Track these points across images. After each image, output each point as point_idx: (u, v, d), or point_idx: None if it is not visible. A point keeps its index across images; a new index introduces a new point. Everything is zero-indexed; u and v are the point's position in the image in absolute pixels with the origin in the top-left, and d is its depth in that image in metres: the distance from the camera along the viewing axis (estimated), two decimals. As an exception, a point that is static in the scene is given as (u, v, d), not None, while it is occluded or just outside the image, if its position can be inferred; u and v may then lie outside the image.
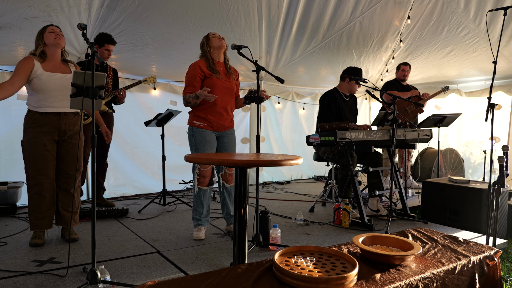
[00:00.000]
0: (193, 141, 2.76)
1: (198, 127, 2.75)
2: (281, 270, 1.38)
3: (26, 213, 3.37)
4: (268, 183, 5.59)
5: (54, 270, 2.11)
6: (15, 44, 3.43)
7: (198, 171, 2.73)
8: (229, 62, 2.89)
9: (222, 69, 2.80)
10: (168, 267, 2.21)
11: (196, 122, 2.76)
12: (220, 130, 2.83)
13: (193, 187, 2.80)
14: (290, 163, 1.71)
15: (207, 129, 2.76)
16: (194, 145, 2.76)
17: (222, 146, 2.87)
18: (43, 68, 2.47)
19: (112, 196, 4.25)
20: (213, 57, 2.78)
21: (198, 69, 2.71)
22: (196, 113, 2.77)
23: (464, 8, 4.06)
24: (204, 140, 2.73)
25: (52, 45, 2.50)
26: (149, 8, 3.47)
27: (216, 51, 2.78)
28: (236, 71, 2.97)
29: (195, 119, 2.77)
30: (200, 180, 2.74)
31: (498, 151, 4.39)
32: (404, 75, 4.64)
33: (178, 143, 4.93)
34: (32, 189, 2.50)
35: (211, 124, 2.76)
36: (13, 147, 3.75)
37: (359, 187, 3.27)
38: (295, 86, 5.97)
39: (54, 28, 2.51)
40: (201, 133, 2.74)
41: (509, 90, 4.85)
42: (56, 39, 2.48)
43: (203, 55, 2.80)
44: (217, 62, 2.80)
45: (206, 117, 2.74)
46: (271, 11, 4.03)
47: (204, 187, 2.76)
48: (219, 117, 2.77)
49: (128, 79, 4.43)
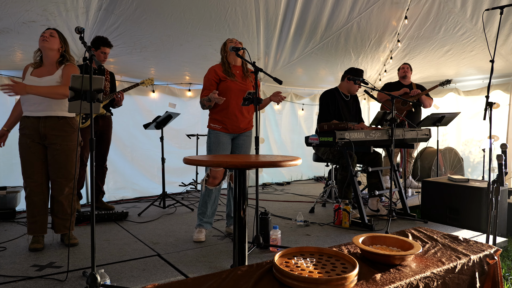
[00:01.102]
0: (208, 142, 2.85)
1: (213, 129, 2.84)
2: (281, 272, 1.37)
3: (25, 217, 3.36)
4: (268, 184, 5.59)
5: (53, 274, 2.11)
6: (13, 49, 3.43)
7: (209, 171, 2.78)
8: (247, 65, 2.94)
9: (238, 72, 2.87)
10: (169, 270, 2.21)
11: (213, 125, 2.84)
12: (236, 132, 2.88)
13: (201, 186, 2.84)
14: (289, 164, 1.71)
15: (222, 131, 2.82)
16: (208, 146, 2.84)
17: (236, 147, 2.92)
18: (31, 73, 2.50)
19: (111, 200, 4.24)
20: (229, 61, 2.85)
21: (213, 73, 2.81)
22: (213, 116, 2.86)
23: (461, 7, 4.07)
24: (217, 142, 2.80)
25: (41, 49, 2.52)
26: (147, 11, 3.47)
27: (232, 55, 2.84)
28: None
29: (212, 121, 2.86)
30: (209, 181, 2.79)
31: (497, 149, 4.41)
32: (405, 71, 4.65)
33: (178, 146, 4.92)
34: (25, 192, 2.54)
35: (226, 127, 2.82)
36: (11, 152, 3.73)
37: (359, 187, 3.27)
38: (293, 87, 5.97)
39: (46, 31, 2.51)
40: (216, 135, 2.82)
41: (507, 89, 4.86)
42: (44, 42, 2.47)
43: (221, 59, 2.89)
44: (233, 66, 2.87)
45: (222, 119, 2.82)
46: (269, 12, 4.03)
47: (210, 186, 2.80)
48: (234, 119, 2.83)
49: (126, 82, 4.43)
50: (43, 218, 2.55)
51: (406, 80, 4.71)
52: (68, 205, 2.61)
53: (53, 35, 2.50)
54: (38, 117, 2.50)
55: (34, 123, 2.50)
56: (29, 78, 2.48)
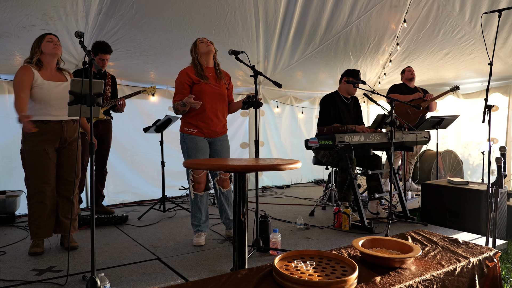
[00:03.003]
0: (185, 147, 2.76)
1: (189, 133, 2.74)
2: (281, 275, 1.37)
3: (25, 222, 3.36)
4: (267, 188, 5.59)
5: (53, 278, 2.10)
6: (12, 53, 3.45)
7: (192, 178, 2.72)
8: (220, 66, 2.86)
9: (211, 74, 2.78)
10: (168, 273, 2.20)
11: (187, 129, 2.75)
12: (212, 136, 2.81)
13: (189, 194, 2.79)
14: (288, 167, 1.72)
15: (198, 135, 2.74)
16: (187, 151, 2.76)
17: (215, 153, 2.85)
18: (43, 77, 2.48)
19: (111, 203, 4.24)
20: (201, 63, 2.75)
21: (186, 76, 2.71)
22: (187, 120, 2.76)
23: (460, 11, 4.09)
24: (195, 147, 2.73)
25: (49, 54, 2.51)
26: (147, 15, 3.49)
27: (204, 57, 2.75)
28: (228, 75, 2.93)
29: (186, 125, 2.76)
30: (195, 186, 2.74)
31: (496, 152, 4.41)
32: (412, 74, 4.64)
33: (177, 149, 4.87)
34: (33, 197, 2.50)
35: (202, 131, 2.74)
36: (11, 156, 3.74)
37: (359, 190, 3.27)
38: (293, 90, 5.99)
39: (53, 37, 2.52)
40: (192, 140, 2.73)
41: (506, 91, 4.87)
42: (54, 49, 2.50)
43: (192, 62, 2.80)
44: (206, 68, 2.77)
45: (197, 123, 2.73)
46: (268, 16, 4.05)
47: (200, 192, 2.76)
48: (210, 123, 2.75)
49: (126, 86, 4.44)
50: (52, 221, 2.56)
51: (412, 83, 4.70)
52: (76, 205, 2.66)
53: (59, 43, 2.57)
54: (59, 121, 2.52)
55: (56, 128, 2.51)
56: (46, 82, 2.47)
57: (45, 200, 2.49)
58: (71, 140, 2.60)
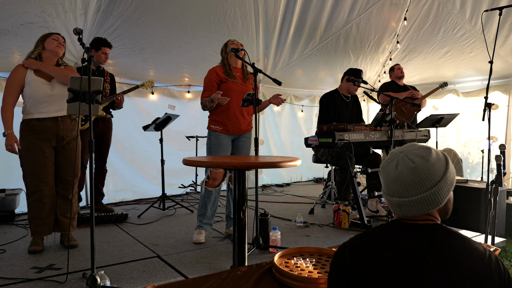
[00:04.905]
0: (209, 144, 2.84)
1: (214, 131, 2.82)
2: (280, 272, 1.37)
3: (24, 220, 3.35)
4: (267, 186, 5.59)
5: (53, 276, 2.10)
6: (11, 51, 3.43)
7: (210, 173, 2.77)
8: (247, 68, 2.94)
9: (239, 75, 2.87)
10: (168, 271, 2.20)
11: (213, 126, 2.83)
12: (237, 134, 2.88)
13: (200, 187, 2.83)
14: (288, 164, 1.72)
15: (223, 133, 2.81)
16: (209, 148, 2.83)
17: (236, 149, 2.92)
18: (35, 74, 2.48)
19: (111, 202, 4.24)
20: (229, 63, 2.84)
21: (215, 74, 2.79)
22: (213, 117, 2.85)
23: (460, 8, 4.08)
24: (218, 144, 2.79)
25: (50, 52, 2.51)
26: (146, 13, 3.48)
27: (233, 58, 2.84)
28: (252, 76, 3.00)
29: (212, 123, 2.84)
30: (209, 182, 2.78)
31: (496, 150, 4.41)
32: (401, 72, 4.63)
33: (177, 147, 4.92)
34: (32, 196, 2.49)
35: (227, 128, 2.81)
36: (10, 155, 3.69)
37: (358, 188, 3.27)
38: (293, 89, 5.98)
39: (59, 37, 2.55)
40: (216, 137, 2.81)
41: (506, 90, 4.86)
42: (57, 47, 2.51)
43: (221, 61, 2.88)
44: (234, 68, 2.86)
45: (223, 121, 2.80)
46: (268, 14, 4.04)
47: (210, 188, 2.79)
48: (235, 121, 2.82)
49: (125, 84, 4.43)
50: (51, 219, 2.56)
51: (401, 81, 4.70)
52: (75, 203, 2.65)
53: (64, 45, 2.58)
54: (55, 119, 2.50)
55: (51, 127, 2.49)
56: (37, 79, 2.46)
57: (43, 198, 2.49)
58: (69, 139, 2.58)
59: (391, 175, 1.01)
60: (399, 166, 1.00)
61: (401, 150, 1.03)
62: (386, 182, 1.03)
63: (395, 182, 1.00)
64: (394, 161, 1.01)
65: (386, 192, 1.04)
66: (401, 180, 0.99)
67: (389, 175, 1.02)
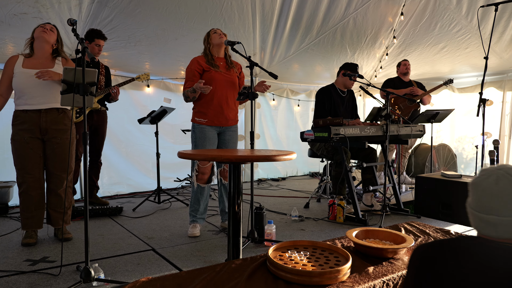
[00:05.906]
0: (194, 137, 2.79)
1: (199, 123, 2.77)
2: (275, 265, 1.38)
3: (18, 212, 3.33)
4: (263, 180, 5.60)
5: (47, 269, 2.10)
6: (4, 41, 3.38)
7: (197, 167, 2.74)
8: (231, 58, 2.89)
9: (222, 64, 2.81)
10: (163, 264, 2.21)
11: (197, 119, 2.77)
12: (223, 125, 2.81)
13: (192, 183, 2.80)
14: (283, 158, 1.72)
15: (208, 125, 2.76)
16: (194, 141, 2.78)
17: (223, 143, 2.87)
18: (23, 65, 2.46)
19: (106, 195, 4.22)
20: (212, 53, 2.79)
21: (196, 63, 2.73)
22: (197, 109, 2.78)
23: (457, 4, 4.08)
24: (203, 136, 2.74)
25: (37, 39, 2.48)
26: (141, 4, 3.44)
27: (216, 48, 2.78)
28: (239, 64, 2.96)
29: (196, 115, 2.78)
30: (198, 177, 2.75)
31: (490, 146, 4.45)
32: (407, 68, 4.64)
33: (173, 141, 4.90)
34: (20, 187, 2.50)
35: (212, 119, 2.75)
36: (3, 146, 3.69)
37: (353, 183, 3.28)
38: (289, 83, 5.96)
39: (46, 24, 2.52)
40: (201, 130, 2.75)
41: (501, 86, 4.89)
42: (42, 32, 2.46)
43: (203, 51, 2.82)
44: (217, 58, 2.80)
45: (207, 111, 2.74)
46: (265, 7, 4.01)
47: (202, 184, 2.76)
48: (220, 111, 2.76)
49: (121, 77, 4.38)
50: (40, 212, 2.53)
51: (407, 77, 4.70)
52: (68, 198, 2.62)
53: (53, 30, 2.53)
54: (38, 111, 2.47)
55: (34, 118, 2.46)
56: (22, 70, 2.44)
57: (30, 191, 2.47)
58: (55, 132, 2.51)
59: (488, 191, 0.94)
60: (501, 183, 0.92)
61: (498, 168, 0.96)
62: (480, 199, 0.96)
63: (494, 198, 0.93)
64: (492, 177, 0.94)
65: (478, 209, 0.96)
66: (502, 197, 0.91)
67: (485, 191, 0.94)
